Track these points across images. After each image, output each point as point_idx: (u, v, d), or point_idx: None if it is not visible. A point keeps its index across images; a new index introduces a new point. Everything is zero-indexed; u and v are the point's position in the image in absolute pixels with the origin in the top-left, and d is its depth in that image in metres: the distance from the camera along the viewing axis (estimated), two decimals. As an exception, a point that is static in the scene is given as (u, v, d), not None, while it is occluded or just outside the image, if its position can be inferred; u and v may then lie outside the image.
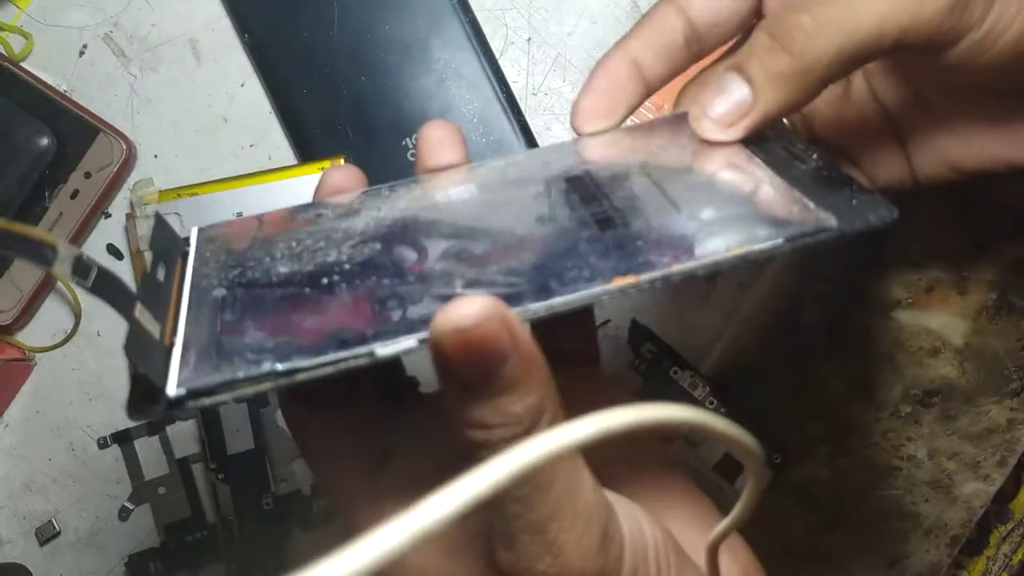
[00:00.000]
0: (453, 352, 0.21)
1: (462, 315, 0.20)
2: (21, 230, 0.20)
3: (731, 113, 0.27)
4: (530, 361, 0.22)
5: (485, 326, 0.20)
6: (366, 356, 0.22)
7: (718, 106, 0.27)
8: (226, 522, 0.47)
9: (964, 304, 0.45)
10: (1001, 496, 0.45)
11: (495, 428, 0.22)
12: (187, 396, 0.21)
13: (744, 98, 0.27)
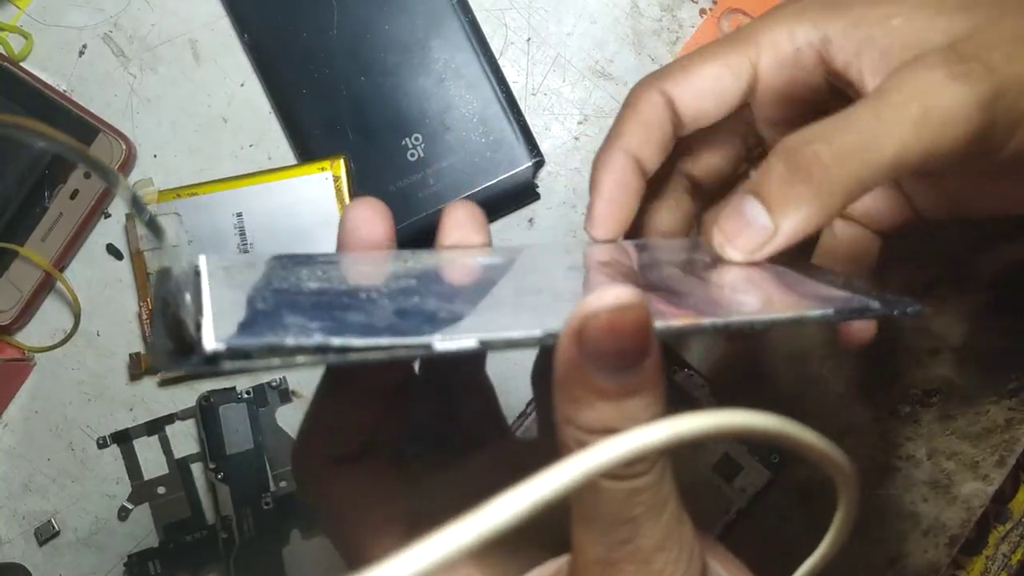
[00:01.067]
0: (599, 333, 0.20)
1: (618, 295, 0.20)
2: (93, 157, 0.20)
3: (754, 241, 0.27)
4: (660, 369, 0.21)
5: (638, 310, 0.20)
6: (423, 347, 0.20)
7: (742, 236, 0.27)
8: (225, 522, 0.47)
9: (963, 304, 0.45)
10: (1000, 496, 0.45)
11: (616, 435, 0.20)
12: (226, 354, 0.18)
13: (766, 226, 0.27)
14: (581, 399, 0.20)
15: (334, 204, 0.48)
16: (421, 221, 0.48)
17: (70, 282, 0.50)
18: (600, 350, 0.20)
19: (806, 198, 0.26)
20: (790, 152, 0.26)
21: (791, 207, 0.26)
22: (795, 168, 0.26)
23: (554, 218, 0.49)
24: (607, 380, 0.20)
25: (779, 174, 0.26)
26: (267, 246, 0.48)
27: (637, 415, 0.20)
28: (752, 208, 0.27)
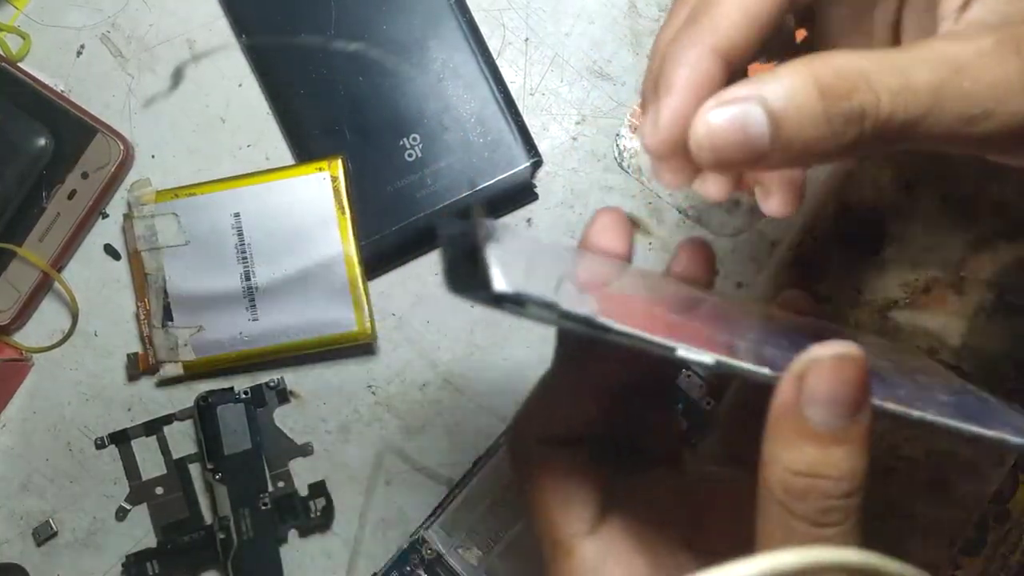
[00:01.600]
0: (823, 378, 0.21)
1: (845, 346, 0.21)
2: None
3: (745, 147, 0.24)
4: (871, 425, 0.22)
5: (860, 366, 0.21)
6: (667, 348, 0.22)
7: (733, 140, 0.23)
8: (223, 522, 0.47)
9: (962, 304, 0.45)
10: (999, 496, 0.45)
11: (821, 479, 0.22)
12: (510, 297, 0.20)
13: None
14: (790, 440, 0.22)
15: (332, 204, 0.48)
16: (419, 221, 0.48)
17: (68, 282, 0.50)
18: (818, 395, 0.21)
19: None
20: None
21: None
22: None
23: (552, 218, 0.49)
24: (819, 425, 0.22)
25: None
26: (265, 246, 0.48)
27: (840, 464, 0.22)
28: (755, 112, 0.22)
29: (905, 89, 0.21)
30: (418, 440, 0.49)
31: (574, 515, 0.28)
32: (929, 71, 0.21)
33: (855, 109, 0.21)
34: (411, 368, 0.49)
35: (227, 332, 0.48)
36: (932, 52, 0.22)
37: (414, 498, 0.49)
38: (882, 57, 0.22)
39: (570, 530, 0.28)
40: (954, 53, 0.22)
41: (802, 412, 0.22)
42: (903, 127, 0.22)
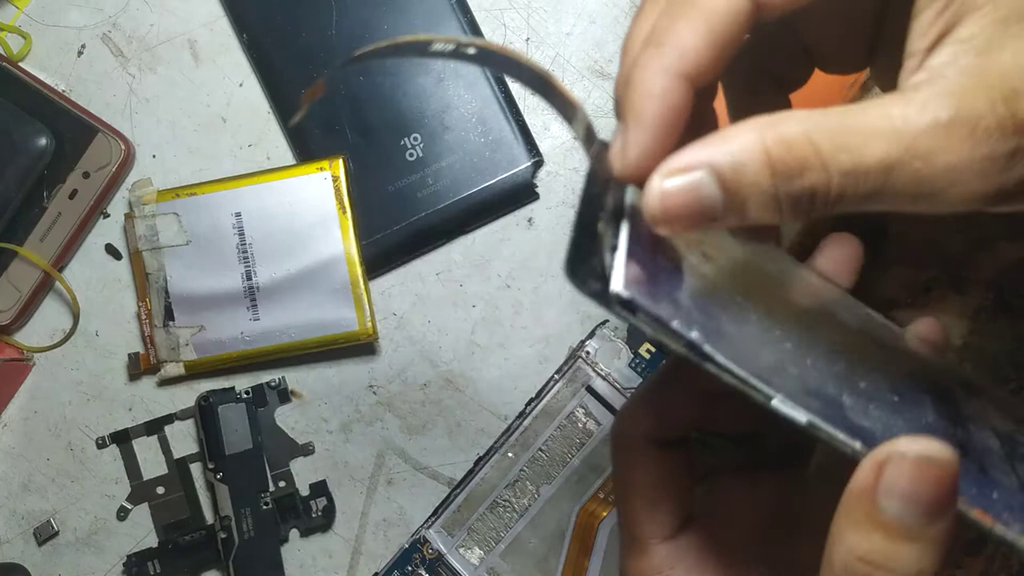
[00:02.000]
0: (903, 474, 0.21)
1: (930, 447, 0.21)
2: (557, 84, 0.22)
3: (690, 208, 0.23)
4: (950, 532, 0.22)
5: (944, 470, 0.21)
6: (765, 395, 0.22)
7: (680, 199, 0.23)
8: (224, 522, 0.47)
9: (962, 304, 0.45)
10: (1000, 496, 0.45)
11: (879, 570, 0.22)
12: (623, 301, 0.21)
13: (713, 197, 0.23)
14: (861, 524, 0.22)
15: (333, 204, 0.48)
16: (420, 221, 0.48)
17: (69, 282, 0.50)
18: (895, 489, 0.21)
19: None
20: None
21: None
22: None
23: (553, 218, 0.49)
24: (891, 517, 0.21)
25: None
26: (266, 246, 0.48)
27: (907, 561, 0.21)
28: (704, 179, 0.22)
29: (856, 168, 0.21)
30: (419, 440, 0.49)
31: (657, 519, 0.29)
32: (882, 148, 0.21)
33: (805, 189, 0.21)
34: (412, 368, 0.49)
35: (228, 332, 0.48)
36: (886, 122, 0.21)
37: (415, 498, 0.49)
38: (835, 126, 0.21)
39: (649, 532, 0.29)
40: (907, 127, 0.21)
41: (877, 500, 0.21)
42: (850, 203, 0.22)
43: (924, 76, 0.22)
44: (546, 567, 0.47)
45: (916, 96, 0.21)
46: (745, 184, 0.21)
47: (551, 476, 0.47)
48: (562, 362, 0.48)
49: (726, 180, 0.21)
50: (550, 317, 0.49)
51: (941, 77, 0.21)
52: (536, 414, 0.48)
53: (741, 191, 0.21)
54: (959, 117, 0.21)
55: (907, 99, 0.21)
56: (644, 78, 0.24)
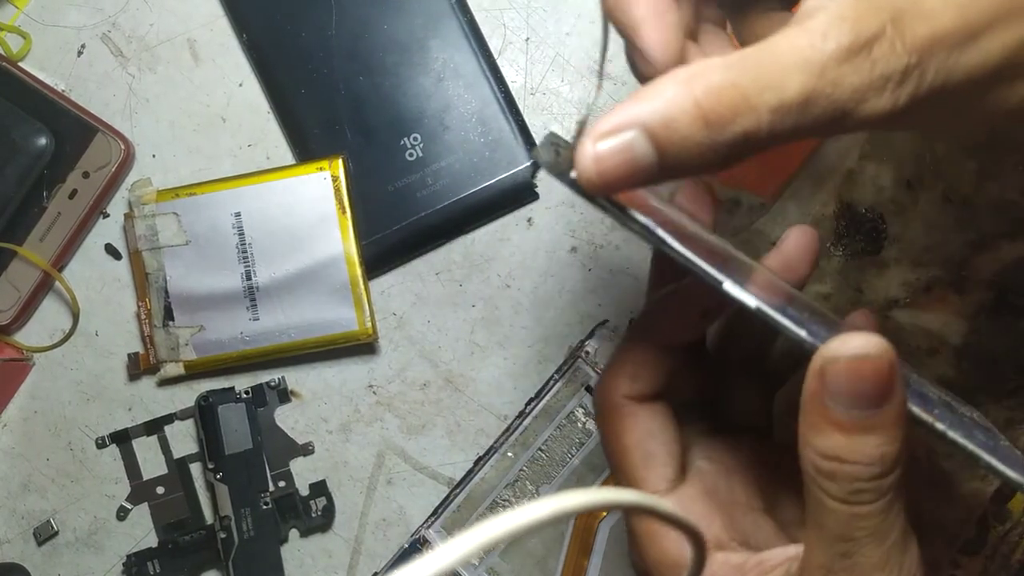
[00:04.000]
0: (840, 375, 0.23)
1: (861, 344, 0.23)
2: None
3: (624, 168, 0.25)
4: (901, 413, 0.23)
5: (880, 361, 0.23)
6: (716, 280, 0.24)
7: (613, 160, 0.24)
8: (224, 522, 0.47)
9: (962, 304, 0.45)
10: (999, 496, 0.45)
11: (848, 464, 0.23)
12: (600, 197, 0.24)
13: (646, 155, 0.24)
14: (818, 426, 0.23)
15: (333, 203, 0.48)
16: (420, 221, 0.48)
17: (69, 282, 0.50)
18: (837, 390, 0.23)
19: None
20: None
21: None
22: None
23: (553, 218, 0.49)
24: (842, 415, 0.23)
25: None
26: (265, 245, 0.48)
27: (867, 451, 0.23)
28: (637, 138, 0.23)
29: (782, 104, 0.22)
30: (419, 439, 0.49)
31: (655, 472, 0.30)
32: (799, 80, 0.22)
33: (739, 134, 0.22)
34: (412, 367, 0.49)
35: (228, 331, 0.48)
36: (798, 54, 0.22)
37: (415, 498, 0.49)
38: (755, 67, 0.22)
39: (651, 486, 0.29)
40: (816, 56, 0.22)
41: (826, 403, 0.23)
42: (779, 137, 0.23)
43: (817, 1, 0.23)
44: (546, 567, 0.47)
45: (816, 24, 0.22)
46: (678, 138, 0.22)
47: (551, 476, 0.47)
48: (562, 362, 0.48)
49: (658, 137, 0.22)
50: (549, 317, 0.49)
51: (833, 1, 0.23)
52: (536, 414, 0.48)
53: (675, 146, 0.22)
54: (858, 40, 0.22)
55: (809, 29, 0.22)
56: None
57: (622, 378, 0.31)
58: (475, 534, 0.17)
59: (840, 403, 0.23)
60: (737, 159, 0.23)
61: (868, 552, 0.24)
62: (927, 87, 0.23)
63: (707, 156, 0.22)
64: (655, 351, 0.30)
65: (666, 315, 0.31)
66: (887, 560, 0.24)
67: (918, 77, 0.22)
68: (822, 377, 0.23)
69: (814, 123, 0.22)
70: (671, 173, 0.23)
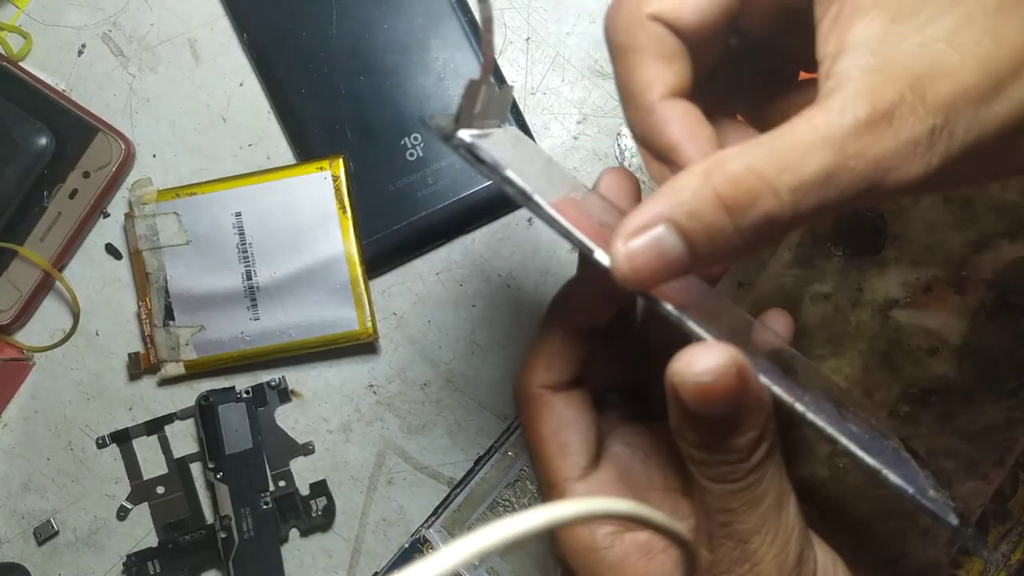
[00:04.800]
0: (690, 398, 0.24)
1: (703, 371, 0.24)
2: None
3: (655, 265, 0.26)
4: (757, 404, 0.24)
5: (722, 381, 0.23)
6: (588, 249, 0.25)
7: (644, 257, 0.25)
8: (224, 522, 0.47)
9: (962, 304, 0.45)
10: (999, 496, 0.45)
11: (712, 453, 0.25)
12: (463, 144, 0.26)
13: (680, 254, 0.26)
14: (683, 427, 0.25)
15: (333, 203, 0.48)
16: (420, 220, 0.48)
17: (69, 282, 0.50)
18: (692, 408, 0.24)
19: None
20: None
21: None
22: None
23: (553, 217, 0.49)
24: (703, 422, 0.25)
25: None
26: (266, 245, 0.48)
27: (733, 443, 0.25)
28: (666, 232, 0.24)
29: (801, 183, 0.22)
30: (419, 439, 0.49)
31: (568, 460, 0.31)
32: (818, 158, 0.22)
33: (761, 217, 0.23)
34: (412, 367, 0.50)
35: (228, 331, 0.48)
36: (815, 134, 0.23)
37: (415, 497, 0.49)
38: (772, 151, 0.23)
39: (564, 474, 0.31)
40: (834, 133, 0.22)
41: (684, 420, 0.25)
42: (807, 215, 0.23)
43: (834, 82, 0.23)
44: (546, 566, 0.47)
45: (833, 103, 0.23)
46: (704, 228, 0.23)
47: (551, 476, 0.47)
48: (562, 362, 0.48)
49: (685, 229, 0.23)
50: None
51: (848, 80, 0.23)
52: (536, 414, 0.48)
53: (701, 235, 0.23)
54: (876, 112, 0.22)
55: (826, 107, 0.23)
56: (644, 124, 0.28)
57: (537, 369, 0.31)
58: (457, 548, 0.17)
59: (699, 414, 0.24)
60: (767, 241, 0.24)
61: (744, 519, 0.26)
62: (960, 145, 0.23)
63: (734, 242, 0.23)
64: (567, 339, 0.31)
65: (571, 300, 0.32)
66: (763, 523, 0.26)
67: (947, 137, 0.22)
68: (675, 395, 0.24)
69: (842, 197, 0.23)
70: (703, 262, 0.24)
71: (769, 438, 0.25)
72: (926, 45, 0.23)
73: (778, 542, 0.26)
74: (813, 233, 0.46)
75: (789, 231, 0.24)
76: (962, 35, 0.23)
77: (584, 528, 0.30)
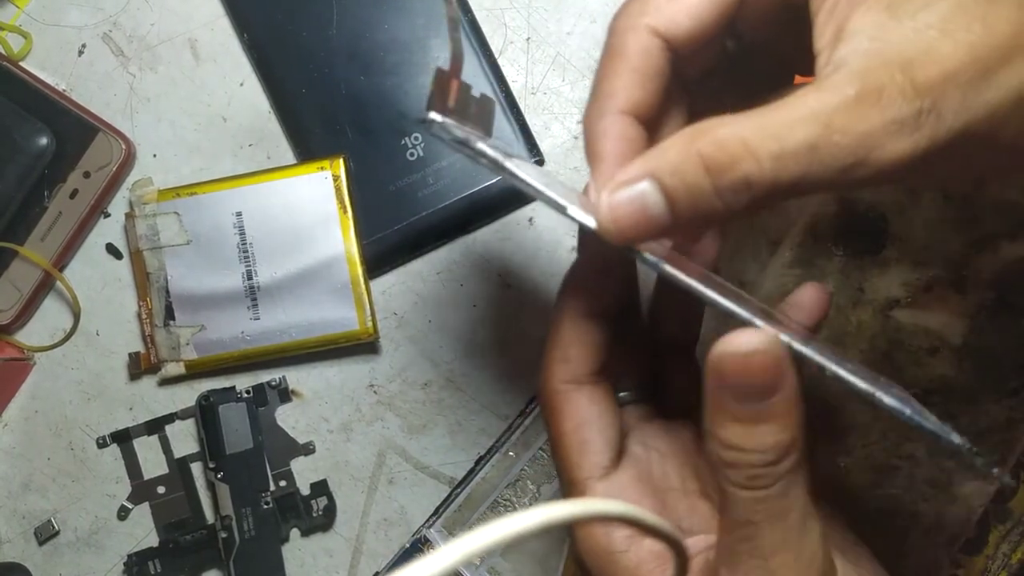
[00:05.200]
0: (730, 370, 0.24)
1: (748, 341, 0.24)
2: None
3: (637, 221, 0.26)
4: (792, 403, 0.25)
5: (767, 356, 0.24)
6: (560, 207, 0.25)
7: (627, 213, 0.26)
8: (225, 522, 0.47)
9: (963, 304, 0.45)
10: (1000, 495, 0.45)
11: (745, 452, 0.25)
12: (436, 124, 0.26)
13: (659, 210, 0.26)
14: (718, 419, 0.25)
15: (333, 203, 0.48)
16: (421, 220, 0.48)
17: (70, 281, 0.50)
18: (730, 386, 0.24)
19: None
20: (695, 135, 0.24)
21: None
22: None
23: (554, 217, 0.49)
24: (738, 408, 0.24)
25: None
26: (266, 245, 0.48)
27: (762, 440, 0.25)
28: (648, 189, 0.25)
29: (783, 152, 0.23)
30: (420, 439, 0.49)
31: (589, 459, 0.30)
32: (803, 130, 0.23)
33: (740, 178, 0.23)
34: (413, 367, 0.49)
35: (229, 331, 0.48)
36: (804, 109, 0.23)
37: (416, 497, 0.49)
38: (760, 121, 0.23)
39: (584, 472, 0.30)
40: (823, 108, 0.23)
41: (722, 397, 0.25)
42: (788, 185, 0.23)
43: (831, 68, 0.24)
44: (547, 566, 0.47)
45: (827, 83, 0.23)
46: (685, 186, 0.24)
47: (552, 475, 0.47)
48: (563, 361, 0.48)
49: (667, 186, 0.24)
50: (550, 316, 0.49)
51: (844, 64, 0.24)
52: (537, 413, 0.48)
53: (682, 193, 0.24)
54: (865, 90, 0.23)
55: (820, 87, 0.23)
56: (591, 124, 0.28)
57: (555, 363, 0.31)
58: (452, 549, 0.17)
59: (734, 396, 0.24)
60: (749, 208, 0.24)
61: (767, 534, 0.25)
62: (947, 130, 0.23)
63: (714, 204, 0.24)
64: (579, 327, 0.31)
65: (575, 283, 0.32)
66: (785, 541, 0.25)
67: (935, 120, 0.23)
68: (716, 371, 0.24)
69: (826, 171, 0.23)
70: (684, 222, 0.24)
71: (797, 452, 0.25)
72: (919, 31, 0.23)
73: (800, 564, 0.25)
74: (814, 233, 0.46)
75: (771, 202, 0.24)
76: (954, 22, 0.23)
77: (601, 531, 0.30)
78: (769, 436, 0.25)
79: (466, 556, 0.17)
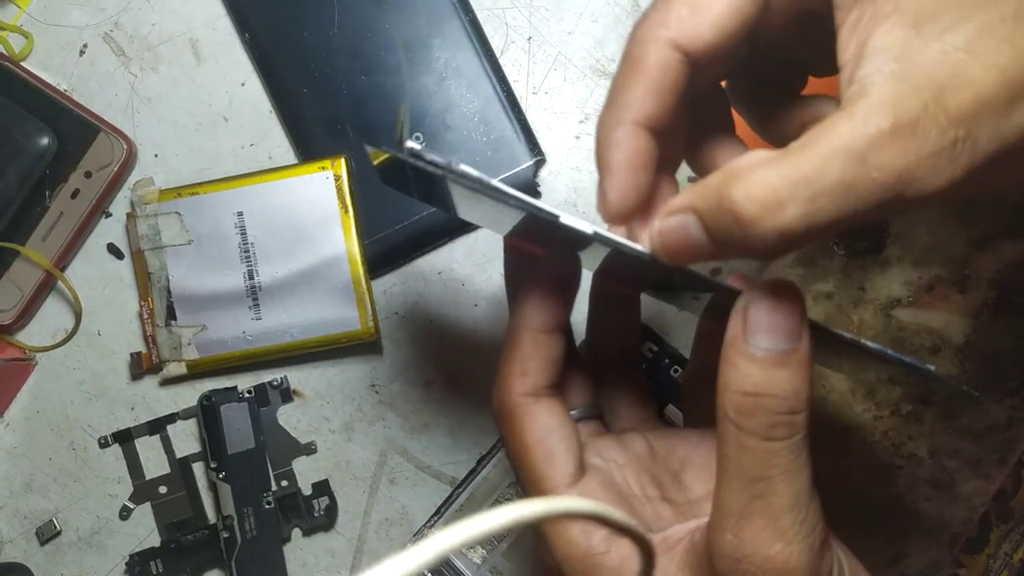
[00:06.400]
0: (762, 308, 0.25)
1: (779, 282, 0.25)
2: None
3: (685, 249, 0.27)
4: (807, 357, 0.26)
5: (797, 296, 0.25)
6: (552, 216, 0.26)
7: (675, 241, 0.27)
8: (226, 521, 0.47)
9: (964, 303, 0.45)
10: (1002, 494, 0.45)
11: (766, 397, 0.25)
12: (412, 153, 0.26)
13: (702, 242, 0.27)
14: (739, 365, 0.25)
15: (335, 203, 0.48)
16: (421, 220, 0.48)
17: (71, 281, 0.50)
18: (760, 324, 0.25)
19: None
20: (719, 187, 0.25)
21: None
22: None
23: (555, 217, 0.49)
24: (761, 351, 0.25)
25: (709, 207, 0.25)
26: (268, 245, 0.48)
27: (783, 384, 0.25)
28: (693, 225, 0.25)
29: (818, 193, 0.23)
30: (421, 439, 0.49)
31: (557, 468, 0.30)
32: (838, 169, 0.23)
33: (769, 229, 0.23)
34: (414, 367, 0.50)
35: (230, 331, 0.48)
36: (837, 142, 0.23)
37: (417, 497, 0.49)
38: (793, 162, 0.23)
39: (553, 482, 0.30)
40: (856, 143, 0.23)
41: (747, 340, 0.25)
42: (825, 225, 0.23)
43: (857, 87, 0.24)
44: (548, 566, 0.47)
45: (856, 111, 0.23)
46: (721, 230, 0.24)
47: (553, 475, 0.47)
48: (564, 361, 0.48)
49: (707, 224, 0.25)
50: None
51: (872, 85, 0.23)
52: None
53: (720, 235, 0.25)
54: (899, 123, 0.22)
55: (849, 115, 0.23)
56: (604, 132, 0.29)
57: (513, 376, 0.31)
58: (420, 549, 0.17)
59: (762, 338, 0.25)
60: (787, 248, 0.24)
61: (780, 491, 0.25)
62: (982, 156, 0.23)
63: (751, 245, 0.24)
64: (534, 340, 0.31)
65: (528, 296, 0.32)
66: (796, 501, 0.25)
67: (970, 148, 0.23)
68: (745, 316, 0.25)
69: (863, 207, 0.23)
70: (727, 252, 0.25)
71: (808, 412, 0.26)
72: (947, 54, 0.23)
73: (808, 523, 0.26)
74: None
75: (809, 241, 0.24)
76: (982, 44, 0.23)
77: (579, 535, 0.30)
78: (788, 383, 0.25)
79: (438, 555, 0.17)
